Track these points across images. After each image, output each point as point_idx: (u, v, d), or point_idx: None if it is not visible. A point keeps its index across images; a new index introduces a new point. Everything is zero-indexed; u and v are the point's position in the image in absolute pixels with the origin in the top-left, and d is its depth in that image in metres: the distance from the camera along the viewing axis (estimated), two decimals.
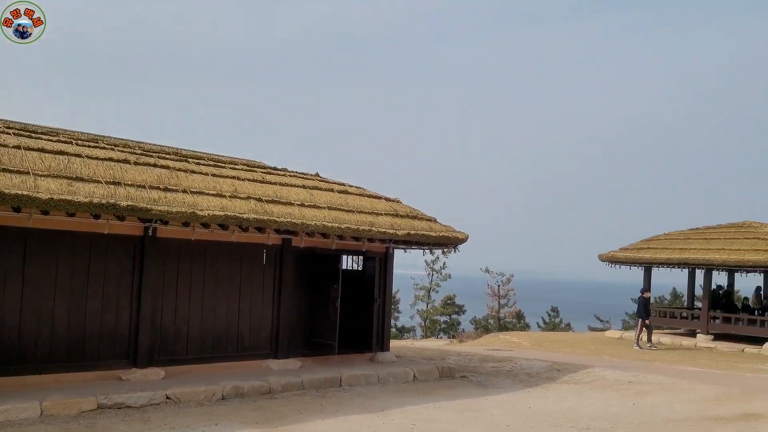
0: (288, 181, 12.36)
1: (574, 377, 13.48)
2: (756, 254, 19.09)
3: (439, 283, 38.26)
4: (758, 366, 16.22)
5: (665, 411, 10.55)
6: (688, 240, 21.76)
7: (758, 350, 18.81)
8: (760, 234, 20.21)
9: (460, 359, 15.86)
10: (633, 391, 12.07)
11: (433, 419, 9.76)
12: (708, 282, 21.47)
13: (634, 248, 23.00)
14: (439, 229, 13.46)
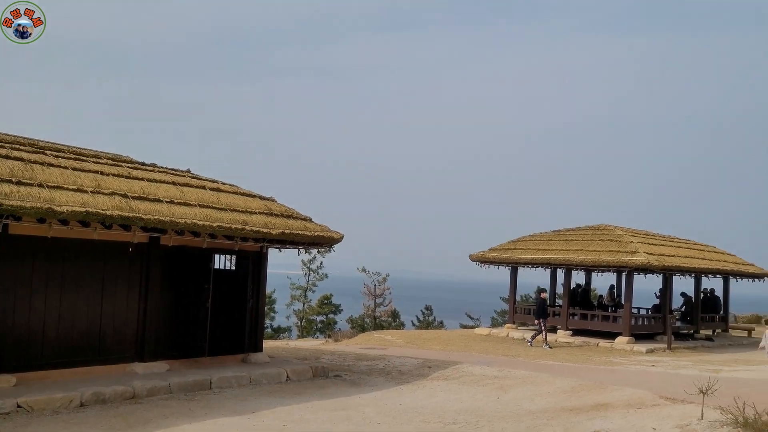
0: (157, 177, 11.87)
1: (444, 373, 13.89)
2: (610, 255, 20.53)
3: (315, 283, 38.22)
4: (610, 359, 17.45)
5: (526, 403, 11.11)
6: (550, 241, 23.06)
7: (611, 344, 20.22)
8: (613, 236, 21.77)
9: (335, 358, 15.92)
10: (498, 385, 12.62)
11: (304, 419, 9.72)
12: (568, 281, 22.83)
13: (502, 249, 24.07)
14: (314, 229, 13.44)
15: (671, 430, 8.62)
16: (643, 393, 10.75)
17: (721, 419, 8.37)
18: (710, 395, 8.70)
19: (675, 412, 9.40)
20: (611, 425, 9.24)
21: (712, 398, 8.70)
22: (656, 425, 8.91)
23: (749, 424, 7.92)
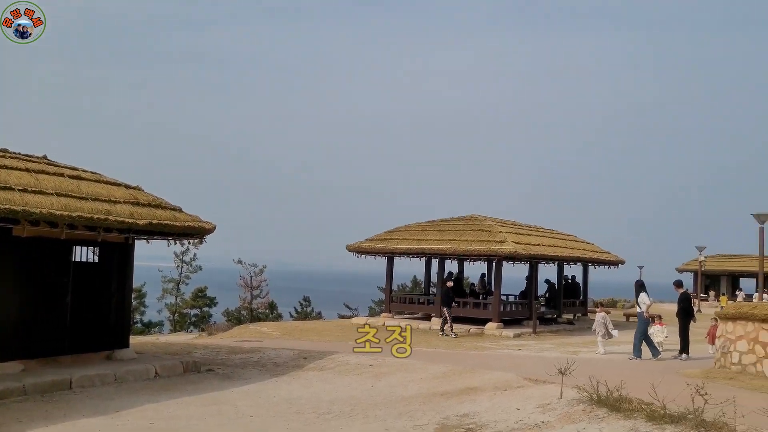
0: (8, 164, 10.96)
1: (319, 364, 13.87)
2: (480, 244, 21.32)
3: (189, 275, 36.98)
4: (481, 344, 18.13)
5: (400, 390, 11.32)
6: (425, 231, 23.61)
7: (482, 330, 21.03)
8: (484, 226, 22.61)
9: (208, 352, 15.48)
10: (372, 373, 12.77)
11: (174, 416, 9.37)
12: (441, 270, 23.48)
13: (378, 239, 24.35)
14: (184, 219, 12.95)
15: (533, 409, 9.07)
16: (509, 376, 11.25)
17: (578, 397, 8.92)
18: (569, 375, 9.23)
19: (537, 393, 9.91)
20: (479, 408, 9.60)
21: (571, 378, 9.23)
22: (520, 406, 9.35)
23: (602, 401, 8.49)
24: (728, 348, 11.58)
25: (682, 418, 7.33)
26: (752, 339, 11.05)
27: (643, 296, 14.94)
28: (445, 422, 9.00)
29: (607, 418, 8.03)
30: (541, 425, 8.30)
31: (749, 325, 11.12)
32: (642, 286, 15.43)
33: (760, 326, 10.91)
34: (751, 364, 11.06)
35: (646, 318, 14.81)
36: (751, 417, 6.89)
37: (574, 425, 8.01)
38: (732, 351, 11.47)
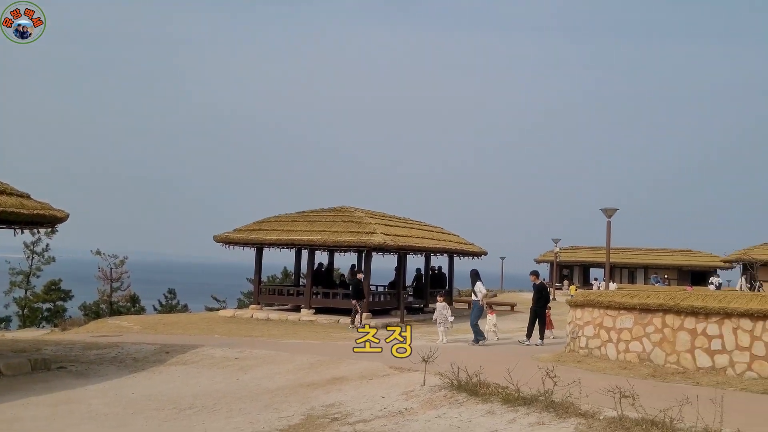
0: None
1: (182, 358, 13.42)
2: (350, 235, 21.46)
3: (41, 267, 34.55)
4: (349, 334, 18.26)
5: (266, 382, 11.17)
6: (295, 222, 23.43)
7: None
8: (354, 217, 22.79)
9: (60, 349, 14.53)
10: (238, 366, 12.52)
11: (18, 418, 8.72)
12: (311, 261, 23.41)
13: (247, 230, 23.88)
14: (32, 206, 12.03)
15: (397, 397, 9.27)
16: (375, 365, 11.41)
17: (440, 384, 9.22)
18: (432, 363, 9.51)
19: (402, 381, 10.14)
20: (345, 397, 9.67)
21: (434, 365, 9.51)
22: (385, 394, 9.52)
23: (462, 386, 8.82)
24: (577, 333, 12.40)
25: (534, 399, 7.77)
26: (598, 324, 11.89)
27: (479, 285, 15.67)
28: (311, 413, 8.99)
29: (467, 402, 8.36)
30: (404, 412, 8.50)
31: (595, 312, 11.96)
32: (477, 275, 16.17)
33: (604, 312, 11.76)
34: (596, 348, 11.90)
35: (481, 305, 15.52)
36: (594, 396, 7.40)
37: (436, 411, 8.27)
38: (580, 336, 12.29)
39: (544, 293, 15.82)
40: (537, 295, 15.66)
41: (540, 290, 15.73)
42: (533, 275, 16.05)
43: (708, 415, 6.09)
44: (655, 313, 10.94)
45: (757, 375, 9.59)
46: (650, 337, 11.00)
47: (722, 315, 10.08)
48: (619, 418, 6.71)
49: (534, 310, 15.48)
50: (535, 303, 15.53)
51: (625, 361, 11.23)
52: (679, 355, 10.57)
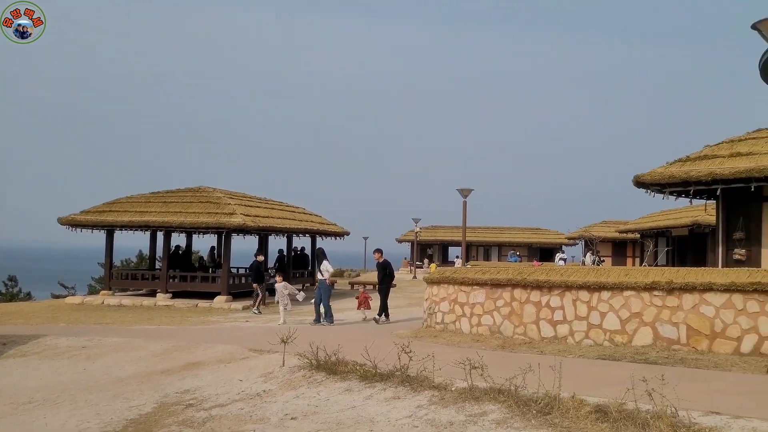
0: None
1: (22, 350, 12.46)
2: (209, 216, 20.84)
3: None
4: (209, 318, 17.78)
5: (116, 371, 10.63)
6: (149, 203, 22.38)
7: (210, 304, 20.64)
8: (212, 198, 22.13)
9: None
10: (85, 356, 11.81)
11: None
12: (167, 243, 22.52)
13: (96, 211, 22.51)
14: None
15: (256, 379, 9.14)
16: (233, 348, 11.18)
17: (299, 364, 9.19)
18: (292, 344, 9.45)
19: (261, 363, 10.00)
20: (201, 382, 9.40)
21: (294, 346, 9.45)
22: (243, 377, 9.35)
23: (321, 366, 8.84)
24: (434, 309, 12.81)
25: (391, 375, 7.93)
26: (452, 300, 12.35)
27: (326, 264, 15.65)
28: (164, 400, 8.66)
29: (325, 381, 8.39)
30: (262, 394, 8.39)
31: (450, 288, 12.42)
32: (323, 254, 16.04)
33: (459, 288, 12.23)
34: (451, 323, 12.37)
35: (328, 285, 15.47)
36: (447, 369, 7.67)
37: (294, 391, 8.24)
38: (437, 312, 12.71)
39: (388, 270, 15.70)
40: (381, 272, 15.63)
41: (384, 267, 15.62)
42: (377, 253, 15.91)
43: (548, 381, 6.49)
44: (504, 288, 11.53)
45: (593, 342, 10.37)
46: (500, 310, 11.58)
47: (564, 288, 10.80)
48: (469, 388, 7.00)
49: (381, 289, 15.55)
50: (381, 281, 15.57)
51: (478, 334, 11.76)
52: (526, 327, 11.22)
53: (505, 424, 6.09)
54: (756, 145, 12.42)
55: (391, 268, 15.88)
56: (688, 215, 26.80)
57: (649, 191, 13.62)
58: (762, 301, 8.87)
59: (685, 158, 13.10)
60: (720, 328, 9.24)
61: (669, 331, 9.69)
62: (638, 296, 10.00)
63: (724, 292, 9.21)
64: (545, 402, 6.28)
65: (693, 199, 14.20)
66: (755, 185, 11.77)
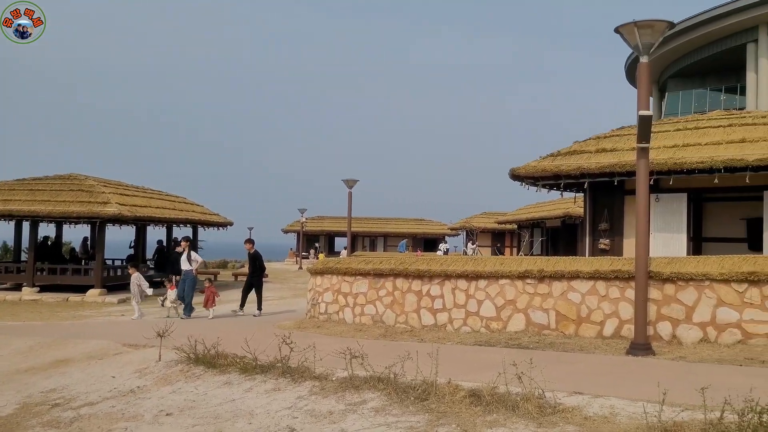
0: None
1: None
2: (81, 206, 19.74)
3: None
4: (80, 313, 16.88)
5: None
6: (13, 191, 20.88)
7: (82, 298, 19.61)
8: (84, 186, 20.96)
9: None
10: None
11: None
12: (34, 234, 21.13)
13: None
14: None
15: (130, 375, 8.77)
16: (106, 343, 10.66)
17: (177, 358, 8.90)
18: (170, 337, 9.13)
19: (136, 358, 9.60)
20: (70, 380, 8.91)
21: (171, 340, 9.14)
22: (116, 373, 8.94)
23: (200, 359, 8.61)
24: (317, 300, 12.81)
25: (271, 367, 7.86)
26: (336, 290, 12.40)
27: (195, 254, 15.28)
28: (27, 401, 8.13)
29: (204, 375, 8.18)
30: (136, 390, 8.07)
31: (334, 278, 12.46)
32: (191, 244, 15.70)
33: (342, 279, 12.29)
34: (335, 313, 12.42)
35: (194, 276, 15.00)
36: (328, 359, 7.70)
37: (171, 386, 7.97)
38: (320, 302, 12.72)
39: (258, 262, 15.37)
40: (252, 264, 15.28)
41: (254, 259, 15.30)
42: (248, 243, 15.56)
43: (426, 368, 6.66)
44: (386, 278, 11.71)
45: (471, 329, 10.76)
46: (383, 300, 11.76)
47: (443, 277, 11.11)
48: (349, 377, 7.06)
49: (254, 281, 15.17)
50: (252, 273, 15.20)
51: (361, 324, 11.88)
52: (407, 316, 11.46)
53: (383, 411, 6.19)
54: (619, 142, 13.28)
55: (261, 259, 15.52)
56: (560, 207, 28.30)
57: (524, 184, 14.25)
58: (622, 288, 9.52)
59: (556, 153, 13.81)
60: (585, 313, 9.84)
61: (540, 317, 10.21)
62: (512, 284, 10.46)
63: (589, 280, 9.81)
64: (423, 388, 6.44)
65: (564, 191, 15.01)
66: (618, 179, 12.59)
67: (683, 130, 13.38)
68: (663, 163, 12.02)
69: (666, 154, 12.25)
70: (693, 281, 9.04)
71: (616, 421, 5.38)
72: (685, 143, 12.57)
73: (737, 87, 48.32)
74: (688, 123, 14.04)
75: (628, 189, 12.53)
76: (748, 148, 11.73)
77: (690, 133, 13.10)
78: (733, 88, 48.97)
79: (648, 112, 8.39)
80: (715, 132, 12.77)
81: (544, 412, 5.64)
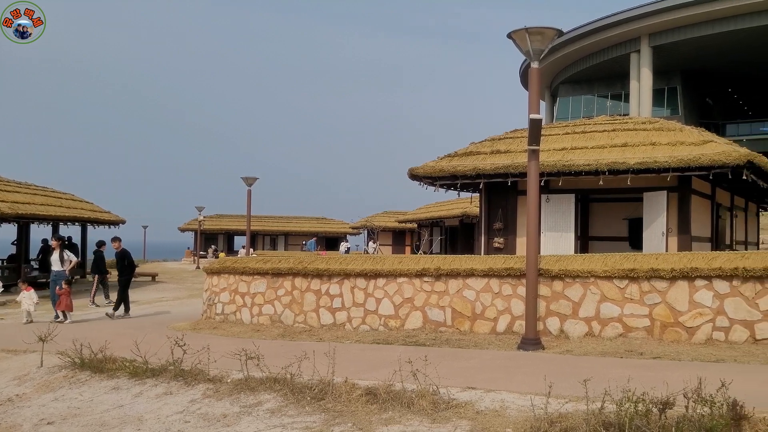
0: None
1: None
2: None
3: None
4: None
5: None
6: None
7: None
8: None
9: None
10: None
11: None
12: None
13: None
14: None
15: (8, 382, 8.24)
16: None
17: (60, 363, 8.44)
18: (52, 342, 8.64)
19: (15, 364, 9.04)
20: None
21: (54, 344, 8.66)
22: None
23: (86, 364, 8.20)
24: (213, 300, 12.50)
25: (163, 370, 7.59)
26: (233, 290, 12.15)
27: (68, 253, 14.52)
28: None
29: (90, 381, 7.81)
30: (15, 399, 7.60)
31: (231, 278, 12.20)
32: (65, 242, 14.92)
33: (239, 278, 12.06)
34: (232, 313, 12.16)
35: (67, 275, 14.07)
36: (224, 360, 7.52)
37: (53, 393, 7.56)
38: (217, 302, 12.42)
39: (127, 261, 14.63)
40: (120, 263, 14.57)
41: (122, 257, 14.61)
42: (116, 242, 14.86)
43: (324, 368, 6.64)
44: (285, 277, 11.59)
45: (369, 327, 10.82)
46: (281, 299, 11.63)
47: (343, 276, 11.12)
48: (245, 379, 6.94)
49: (120, 280, 14.38)
50: (120, 272, 14.47)
51: (259, 324, 11.70)
52: (306, 315, 11.39)
53: (279, 412, 6.12)
54: (513, 144, 13.76)
55: (130, 258, 14.83)
56: (458, 207, 29.01)
57: (422, 184, 14.50)
58: (514, 285, 9.87)
59: (454, 154, 14.13)
60: (480, 310, 10.12)
61: (437, 314, 10.41)
62: (410, 282, 10.62)
63: (483, 277, 10.10)
64: (319, 388, 6.42)
65: (461, 191, 15.39)
66: (512, 180, 13.04)
67: (572, 134, 14.02)
68: (553, 165, 12.54)
69: (556, 157, 12.80)
70: (579, 278, 9.49)
71: (506, 414, 5.57)
72: (573, 146, 13.18)
73: (622, 94, 51.31)
74: (576, 127, 14.73)
75: (521, 189, 12.99)
76: (630, 151, 12.44)
77: (578, 136, 13.75)
78: (618, 95, 51.96)
79: (538, 115, 8.74)
80: (601, 136, 13.47)
81: (438, 407, 5.76)
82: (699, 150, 12.02)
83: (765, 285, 8.49)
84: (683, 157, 11.83)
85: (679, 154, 12.00)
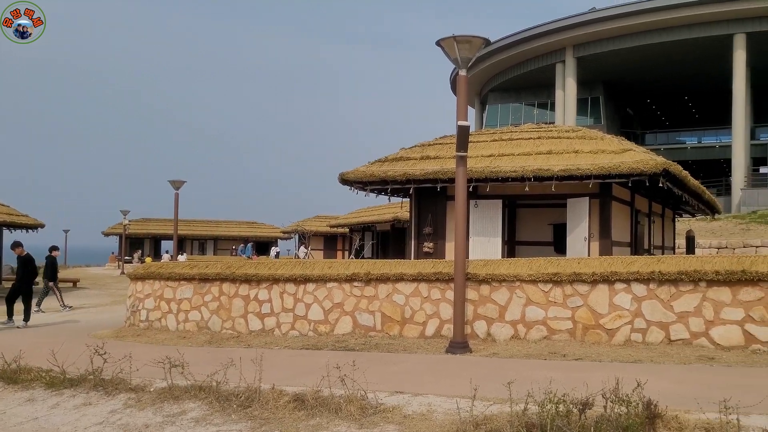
0: None
1: None
2: None
3: None
4: None
5: None
6: None
7: None
8: None
9: None
10: None
11: None
12: None
13: None
14: None
15: None
16: None
17: None
18: None
19: None
20: None
21: None
22: None
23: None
24: (137, 306, 12.13)
25: (83, 380, 7.32)
26: (159, 296, 11.83)
27: None
28: None
29: (2, 392, 7.46)
30: None
31: (156, 284, 11.87)
32: None
33: (165, 284, 11.75)
34: (157, 320, 11.83)
35: None
36: (147, 369, 7.30)
37: None
38: (141, 309, 12.06)
39: (30, 267, 13.97)
40: (22, 269, 13.89)
41: (24, 263, 13.91)
42: (18, 247, 14.06)
43: (251, 375, 6.54)
44: (213, 283, 11.37)
45: (298, 333, 10.74)
46: (208, 305, 11.40)
47: (272, 281, 11.00)
48: (169, 387, 6.76)
49: (16, 287, 13.73)
50: (19, 278, 13.85)
51: (185, 331, 11.43)
52: (234, 321, 11.19)
53: (204, 421, 5.99)
54: (442, 150, 13.93)
55: (33, 264, 14.15)
56: (389, 212, 29.13)
57: (353, 188, 14.49)
58: (443, 289, 9.99)
59: (384, 159, 14.19)
60: (409, 314, 10.19)
61: (366, 319, 10.43)
62: (340, 287, 10.60)
63: (412, 282, 10.18)
64: (246, 395, 6.32)
65: (391, 196, 15.47)
66: (441, 185, 13.19)
67: (499, 141, 14.31)
68: (481, 171, 12.77)
69: (483, 163, 13.03)
70: (506, 282, 9.69)
71: (433, 417, 5.62)
72: (500, 153, 13.45)
73: (548, 103, 52.86)
74: (503, 134, 15.04)
75: (450, 195, 13.15)
76: (554, 159, 12.79)
77: (505, 143, 14.04)
78: (545, 104, 53.50)
79: (466, 122, 8.89)
80: (527, 143, 13.80)
81: (366, 413, 5.76)
82: (619, 158, 12.48)
83: (679, 288, 8.88)
84: (604, 165, 12.25)
85: (600, 161, 12.42)
